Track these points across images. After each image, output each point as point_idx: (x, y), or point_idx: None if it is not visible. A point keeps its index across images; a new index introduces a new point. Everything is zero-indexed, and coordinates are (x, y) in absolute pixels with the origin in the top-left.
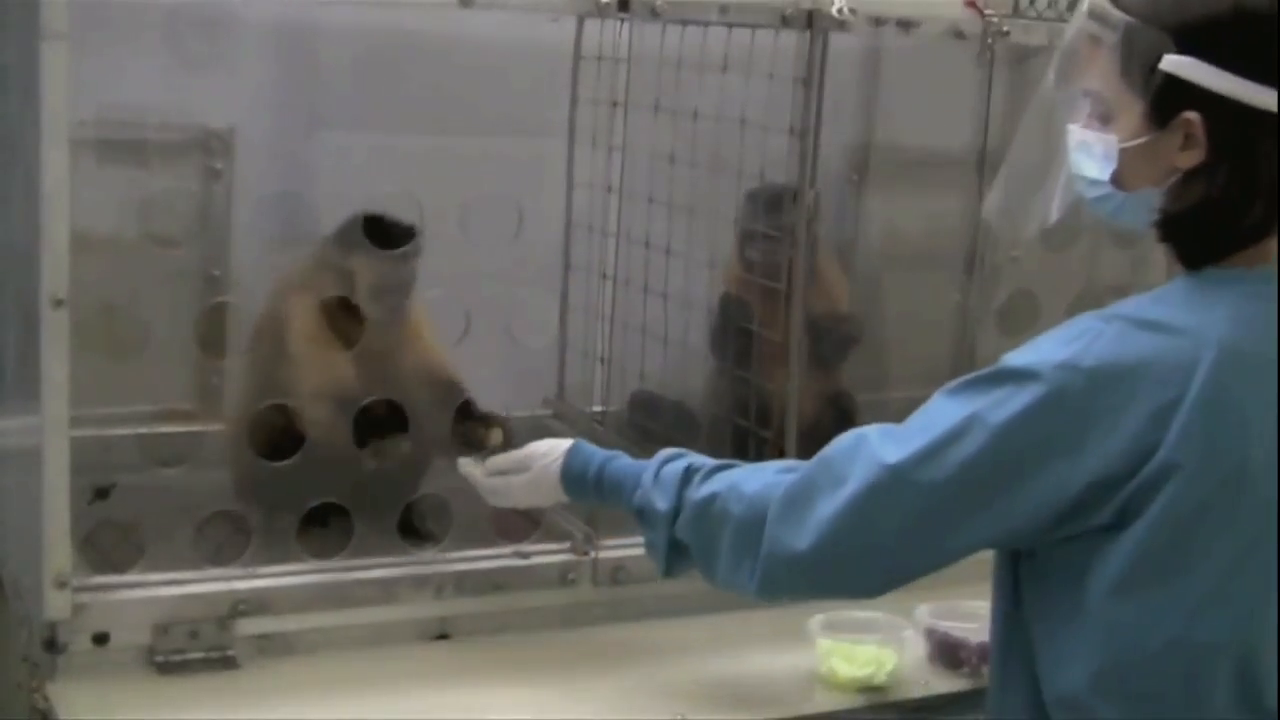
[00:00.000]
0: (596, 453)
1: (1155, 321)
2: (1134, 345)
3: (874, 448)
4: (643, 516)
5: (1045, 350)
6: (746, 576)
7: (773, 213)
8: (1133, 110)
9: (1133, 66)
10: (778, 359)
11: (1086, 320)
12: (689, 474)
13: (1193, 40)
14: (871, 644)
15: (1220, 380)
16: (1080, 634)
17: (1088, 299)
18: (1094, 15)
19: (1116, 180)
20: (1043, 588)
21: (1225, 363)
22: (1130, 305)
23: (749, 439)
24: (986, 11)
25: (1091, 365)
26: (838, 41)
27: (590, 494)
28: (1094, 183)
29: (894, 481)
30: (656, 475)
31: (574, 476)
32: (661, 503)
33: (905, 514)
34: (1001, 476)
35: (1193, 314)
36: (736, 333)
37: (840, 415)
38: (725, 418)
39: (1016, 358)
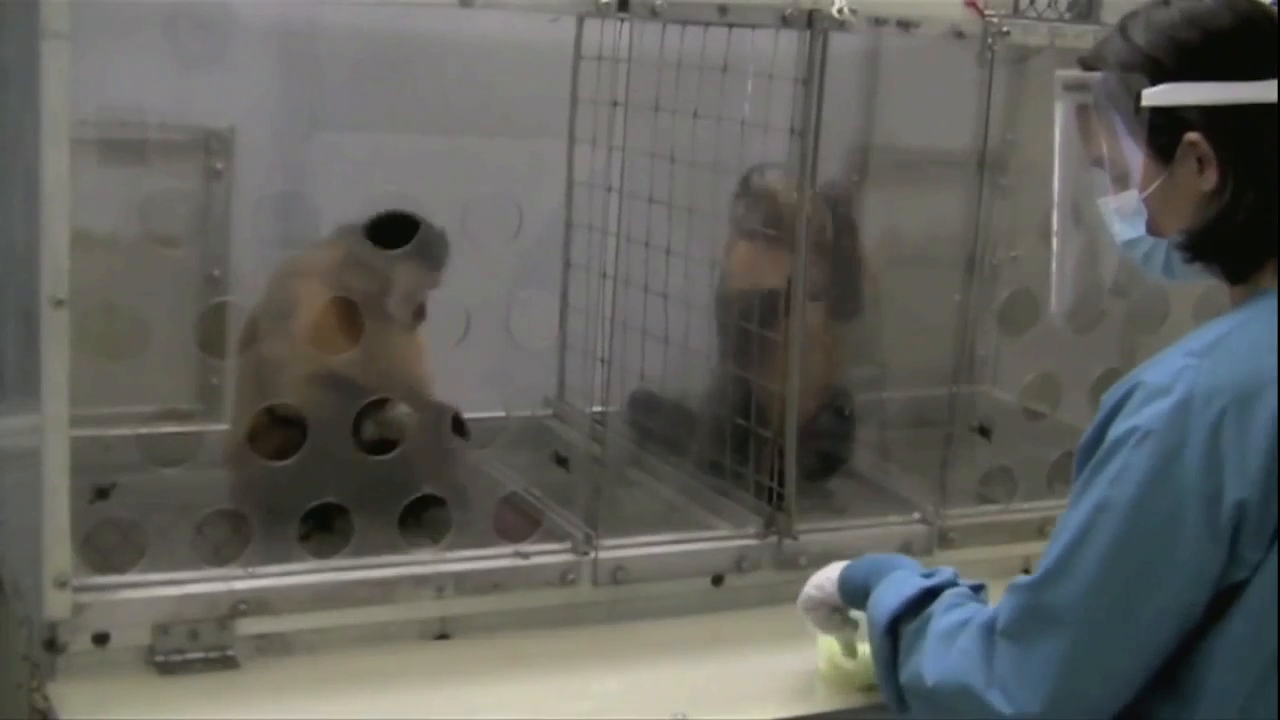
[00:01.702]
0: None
1: (1248, 347)
2: (1228, 368)
3: (1025, 578)
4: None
5: (1148, 403)
6: (921, 685)
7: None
8: (1139, 158)
9: (1122, 117)
10: (777, 357)
11: (1177, 360)
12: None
13: (1168, 69)
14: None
15: None
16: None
17: (1088, 299)
18: (1070, 88)
19: (1153, 230)
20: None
21: None
22: (1211, 335)
23: (749, 439)
24: (986, 11)
25: (1202, 403)
26: (838, 41)
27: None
28: (1134, 242)
29: (1035, 603)
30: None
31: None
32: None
33: (1057, 638)
34: (1154, 548)
35: (1270, 333)
36: (736, 331)
37: (839, 415)
38: (725, 417)
39: (1124, 422)
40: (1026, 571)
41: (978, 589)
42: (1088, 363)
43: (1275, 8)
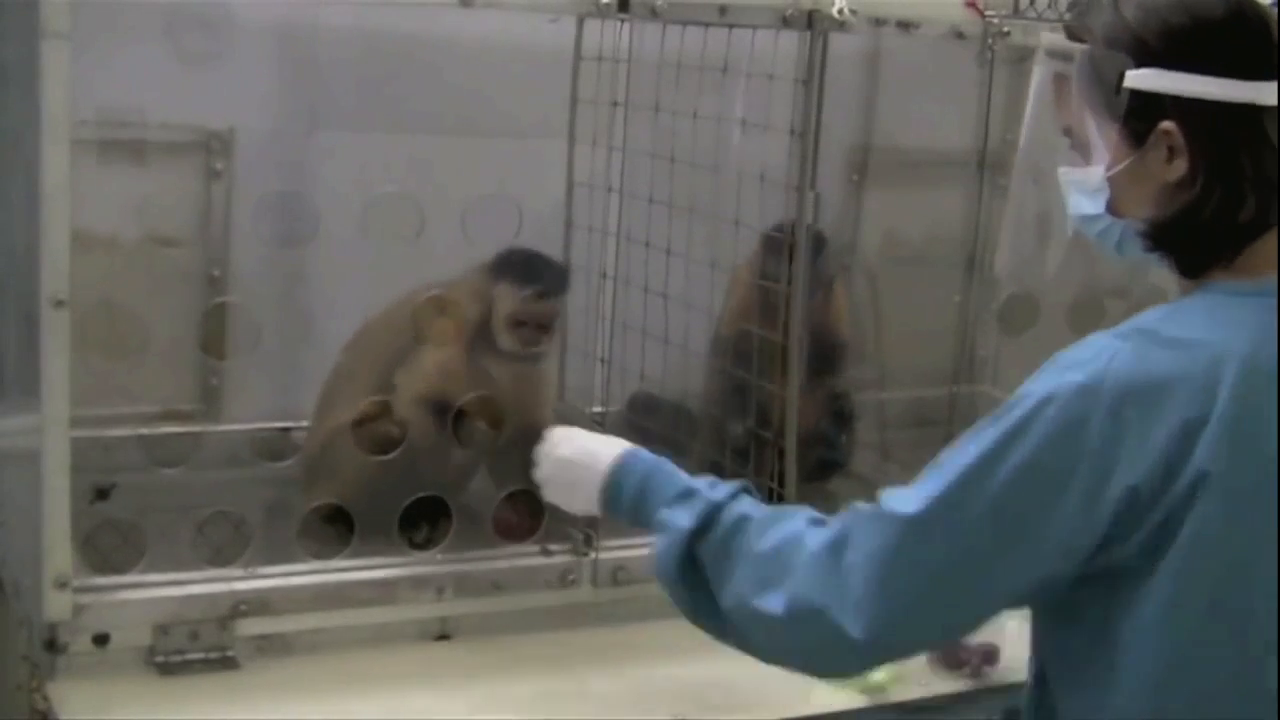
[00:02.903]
0: (631, 484)
1: (1175, 338)
2: (1154, 361)
3: (891, 503)
4: (664, 528)
5: (1062, 374)
6: (758, 606)
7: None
8: (1111, 137)
9: (1101, 93)
10: (778, 362)
11: (1102, 339)
12: (719, 503)
13: (1153, 53)
14: None
15: (1244, 397)
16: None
17: (1087, 299)
18: (1053, 54)
19: (1113, 210)
20: (1071, 651)
21: (1249, 378)
22: (1146, 320)
23: (749, 440)
24: (986, 12)
25: (1111, 386)
26: (838, 42)
27: (625, 515)
28: (1092, 218)
29: (910, 535)
30: (688, 495)
31: (613, 498)
32: (686, 519)
33: (926, 569)
34: (1024, 515)
35: (1210, 329)
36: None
37: (839, 417)
38: (725, 418)
39: (1033, 386)
40: None
41: (746, 490)
42: None
43: (1274, 8)
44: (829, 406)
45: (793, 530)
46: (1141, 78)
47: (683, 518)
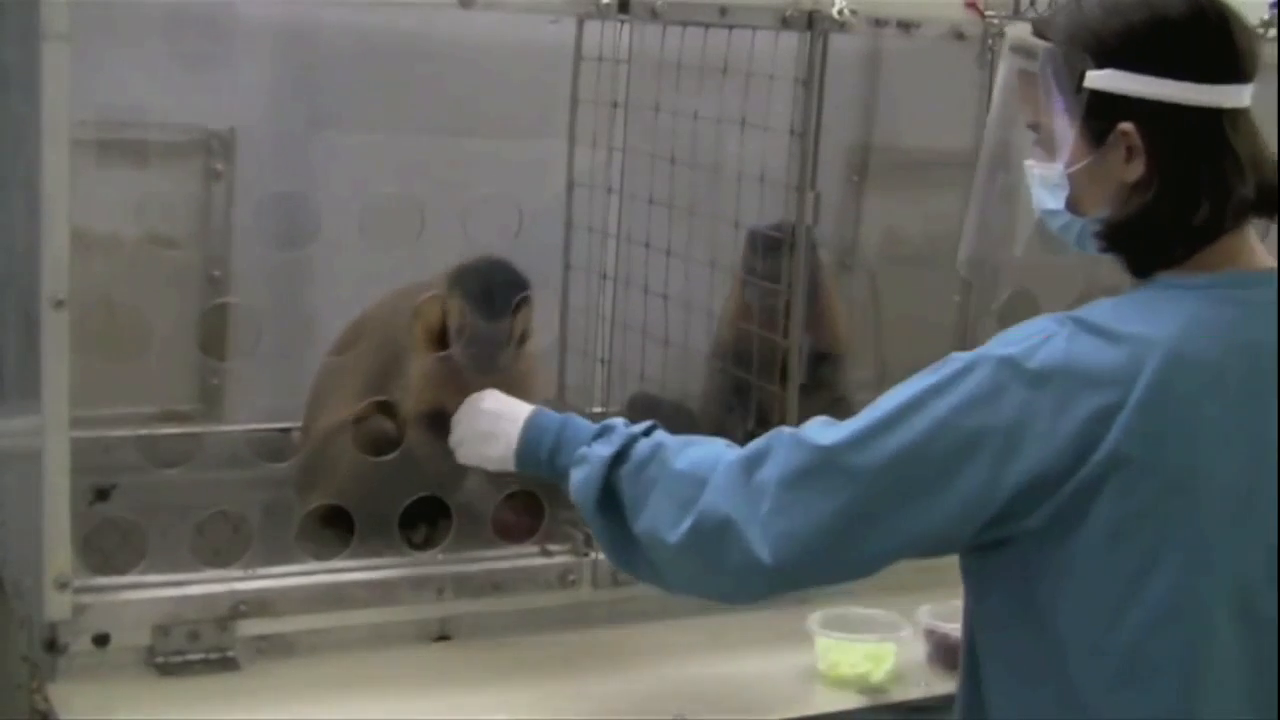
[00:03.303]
0: (550, 428)
1: (1104, 327)
2: (1079, 349)
3: (811, 432)
4: (583, 460)
5: (996, 344)
6: (669, 527)
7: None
8: (1071, 134)
9: (1061, 90)
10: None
11: (1044, 321)
12: (636, 434)
13: (1114, 54)
14: (870, 642)
15: (1165, 385)
16: (1036, 656)
17: (1087, 299)
18: (1016, 50)
19: (1073, 207)
20: (991, 603)
21: (1172, 368)
22: (1088, 310)
23: (749, 440)
24: (987, 12)
25: (1034, 367)
26: (838, 42)
27: (544, 462)
28: (1053, 213)
29: (823, 464)
30: (607, 430)
31: (532, 441)
32: (605, 449)
33: (832, 499)
34: (931, 468)
35: (1144, 320)
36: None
37: (839, 417)
38: (725, 419)
39: (970, 352)
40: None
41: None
42: None
43: (1273, 8)
44: (826, 409)
45: (710, 450)
46: (1101, 78)
47: (602, 448)
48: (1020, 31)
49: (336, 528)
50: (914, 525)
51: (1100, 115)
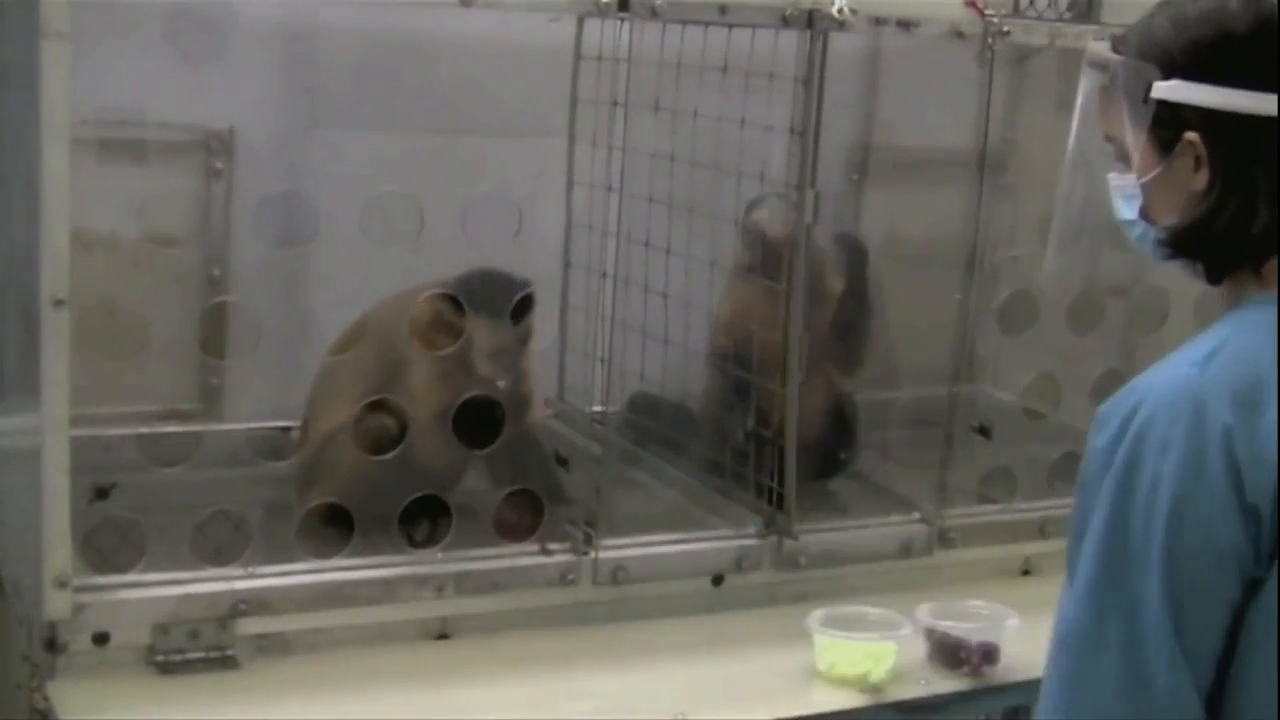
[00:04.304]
0: None
1: (1244, 355)
2: (1236, 379)
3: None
4: None
5: (1163, 414)
6: None
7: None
8: (1141, 145)
9: (1132, 102)
10: (778, 360)
11: (1179, 367)
12: None
13: (1180, 65)
14: (870, 641)
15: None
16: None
17: (1088, 299)
18: (1093, 64)
19: (1146, 216)
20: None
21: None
22: (1207, 346)
23: (749, 439)
24: (986, 11)
25: (1213, 410)
26: (838, 41)
27: None
28: (1130, 223)
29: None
30: None
31: None
32: None
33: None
34: (1199, 544)
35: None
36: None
37: (840, 416)
38: (725, 417)
39: (1139, 434)
40: (1026, 573)
41: None
42: (1088, 363)
43: None
44: (829, 407)
45: None
46: (1168, 89)
47: None
48: (1098, 46)
49: (337, 526)
50: (1211, 621)
51: (1167, 125)
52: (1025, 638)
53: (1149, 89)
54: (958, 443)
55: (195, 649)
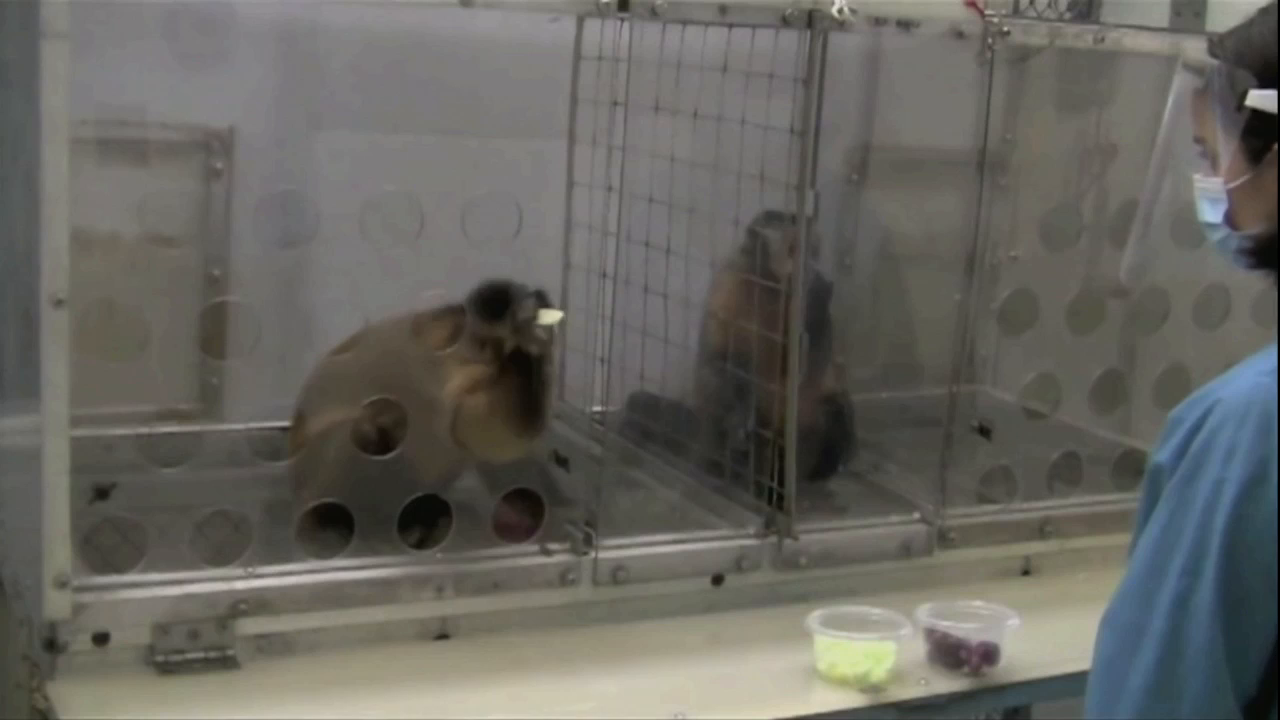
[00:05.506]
0: None
1: None
2: None
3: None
4: None
5: (1232, 420)
6: None
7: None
8: (1231, 150)
9: (1224, 108)
10: (776, 360)
11: (1249, 375)
12: None
13: (1276, 74)
14: (869, 641)
15: None
16: None
17: (1088, 299)
18: (1189, 67)
19: (1231, 221)
20: None
21: None
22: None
23: (748, 439)
24: (986, 11)
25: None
26: (838, 41)
27: None
28: (1212, 226)
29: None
30: None
31: None
32: None
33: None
34: (1258, 554)
35: None
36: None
37: (835, 415)
38: (724, 418)
39: (1208, 439)
40: (1026, 573)
41: None
42: (1088, 363)
43: None
44: (827, 406)
45: None
46: (1261, 98)
47: None
48: (1195, 50)
49: (336, 527)
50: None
51: (1258, 134)
52: (1025, 638)
53: (1244, 96)
54: (958, 443)
55: (195, 649)
